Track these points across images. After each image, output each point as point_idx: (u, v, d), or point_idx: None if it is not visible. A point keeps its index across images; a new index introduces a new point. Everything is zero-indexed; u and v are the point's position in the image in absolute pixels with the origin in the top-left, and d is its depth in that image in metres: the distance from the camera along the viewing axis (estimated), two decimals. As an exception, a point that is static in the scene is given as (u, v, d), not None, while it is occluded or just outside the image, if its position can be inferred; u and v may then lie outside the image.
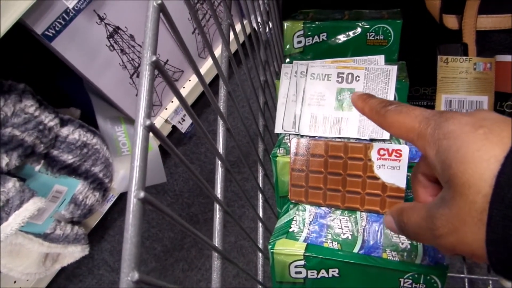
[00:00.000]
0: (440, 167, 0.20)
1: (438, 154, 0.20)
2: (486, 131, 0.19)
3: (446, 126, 0.20)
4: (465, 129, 0.20)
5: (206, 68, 1.10)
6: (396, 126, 0.23)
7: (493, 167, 0.18)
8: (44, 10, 0.67)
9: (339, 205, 0.36)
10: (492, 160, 0.18)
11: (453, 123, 0.20)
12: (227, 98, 0.33)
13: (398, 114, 0.23)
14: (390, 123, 0.24)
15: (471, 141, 0.19)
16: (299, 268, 0.33)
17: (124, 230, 0.17)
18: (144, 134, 0.19)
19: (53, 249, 0.89)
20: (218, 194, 0.30)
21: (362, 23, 0.44)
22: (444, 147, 0.20)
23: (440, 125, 0.21)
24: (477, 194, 0.18)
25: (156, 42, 0.20)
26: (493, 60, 0.46)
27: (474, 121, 0.20)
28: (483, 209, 0.18)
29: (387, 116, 0.24)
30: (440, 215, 0.20)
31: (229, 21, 0.34)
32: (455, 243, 0.20)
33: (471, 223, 0.19)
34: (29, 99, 0.78)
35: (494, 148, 0.18)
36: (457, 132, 0.20)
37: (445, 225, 0.20)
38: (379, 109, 0.25)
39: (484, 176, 0.18)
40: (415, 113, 0.23)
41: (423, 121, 0.22)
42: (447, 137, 0.20)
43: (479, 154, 0.18)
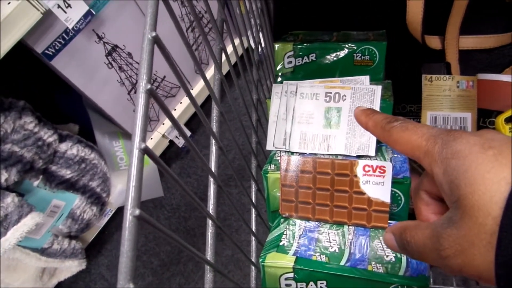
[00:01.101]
0: (448, 187, 0.20)
1: (446, 173, 0.20)
2: (495, 152, 0.19)
3: (454, 145, 0.20)
4: (474, 149, 0.19)
5: (202, 85, 1.12)
6: (402, 143, 0.23)
7: (503, 190, 0.18)
8: (44, 30, 0.70)
9: (328, 219, 0.37)
10: (502, 182, 0.18)
11: (461, 142, 0.20)
12: (219, 119, 0.35)
13: (404, 130, 0.23)
14: (396, 139, 0.24)
15: (480, 162, 0.19)
16: (289, 280, 0.34)
17: (121, 245, 0.19)
18: (139, 156, 0.20)
19: (50, 263, 0.90)
20: (210, 209, 0.31)
21: (349, 45, 0.46)
22: (453, 166, 0.20)
23: (448, 144, 0.20)
24: (487, 217, 0.18)
25: (151, 72, 0.22)
26: (475, 78, 0.48)
27: (482, 141, 0.19)
28: (493, 231, 0.18)
29: (393, 132, 0.24)
30: (448, 235, 0.20)
31: (221, 46, 0.36)
32: (462, 265, 0.19)
33: (479, 245, 0.18)
34: (29, 115, 0.80)
35: (504, 170, 0.18)
36: (465, 152, 0.19)
37: (453, 246, 0.19)
38: (384, 125, 0.25)
39: (495, 198, 0.18)
40: (422, 130, 0.22)
41: (430, 139, 0.22)
42: (456, 157, 0.20)
43: (489, 176, 0.18)
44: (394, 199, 0.36)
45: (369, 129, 0.27)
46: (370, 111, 0.27)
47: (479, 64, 0.51)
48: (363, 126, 0.27)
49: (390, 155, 0.38)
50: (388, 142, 0.25)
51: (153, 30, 0.23)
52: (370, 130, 0.27)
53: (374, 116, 0.26)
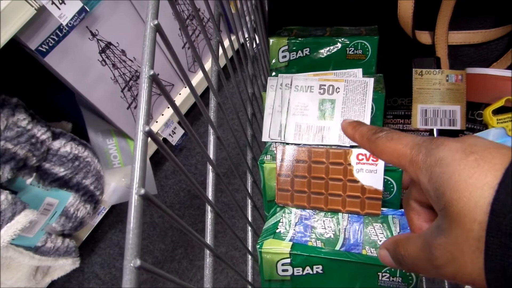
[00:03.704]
0: (434, 194, 0.20)
1: (431, 181, 0.20)
2: (477, 157, 0.19)
3: (437, 153, 0.20)
4: (455, 156, 0.19)
5: (196, 82, 1.13)
6: (388, 152, 0.23)
7: (487, 195, 0.18)
8: (38, 27, 0.70)
9: (322, 207, 0.38)
10: (485, 187, 0.18)
11: (444, 149, 0.20)
12: (217, 109, 0.36)
13: (389, 141, 0.24)
14: (381, 150, 0.24)
15: (462, 168, 0.19)
16: (285, 266, 0.35)
17: (127, 223, 0.19)
18: (143, 138, 0.21)
19: (43, 262, 0.89)
20: (209, 196, 0.32)
21: (342, 39, 0.47)
22: (437, 174, 0.20)
23: (431, 152, 0.21)
24: (473, 222, 0.18)
25: (153, 58, 0.23)
26: (464, 72, 0.50)
27: (464, 147, 0.20)
28: (480, 237, 0.18)
29: (378, 143, 0.24)
30: (438, 244, 0.20)
31: (218, 38, 0.37)
32: (454, 273, 0.19)
33: (469, 251, 0.18)
34: (22, 113, 0.80)
35: (486, 175, 0.18)
36: (448, 159, 0.20)
37: (444, 255, 0.20)
38: (369, 136, 0.25)
39: (479, 203, 0.18)
40: (406, 140, 0.23)
41: (414, 148, 0.22)
42: (439, 164, 0.20)
43: (471, 182, 0.18)
44: (386, 187, 0.37)
45: (356, 141, 0.27)
46: (356, 123, 0.28)
47: (467, 58, 0.52)
48: (350, 138, 0.28)
49: (382, 144, 0.39)
50: (375, 153, 0.25)
51: (155, 19, 0.24)
52: (357, 142, 0.27)
53: (361, 128, 0.27)
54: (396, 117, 0.53)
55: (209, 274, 0.29)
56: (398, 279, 0.33)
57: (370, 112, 0.40)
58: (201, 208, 1.15)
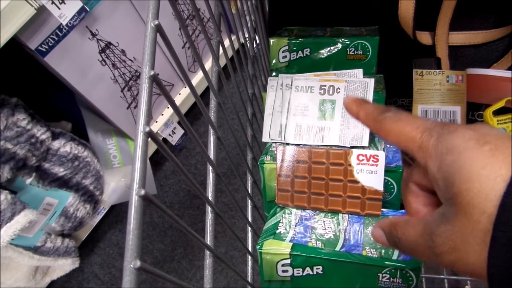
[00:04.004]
0: (443, 183, 0.20)
1: (441, 169, 0.20)
2: (492, 147, 0.18)
3: (450, 140, 0.20)
4: (469, 144, 0.19)
5: (196, 82, 1.13)
6: (395, 134, 0.22)
7: (499, 187, 0.17)
8: (38, 27, 0.70)
9: (323, 208, 0.38)
10: (498, 179, 0.17)
11: (457, 136, 0.19)
12: (217, 109, 0.36)
13: (397, 121, 0.22)
14: (388, 130, 0.23)
15: (475, 157, 0.18)
16: (285, 266, 0.35)
17: (127, 224, 0.19)
18: (143, 139, 0.21)
19: (43, 262, 0.89)
20: (209, 197, 0.32)
21: (342, 39, 0.47)
22: (447, 162, 0.19)
23: (442, 138, 0.20)
24: (482, 214, 0.18)
25: (153, 58, 0.23)
26: (464, 73, 0.50)
27: (478, 136, 0.19)
28: (487, 230, 0.17)
29: (385, 123, 0.23)
30: (441, 232, 0.19)
31: (219, 38, 0.37)
32: (455, 261, 0.19)
33: (473, 243, 0.18)
34: (22, 112, 0.80)
35: (500, 166, 0.18)
36: (460, 147, 0.19)
37: (446, 243, 0.19)
38: (376, 115, 0.24)
39: (490, 196, 0.17)
40: (416, 122, 0.22)
41: (425, 132, 0.21)
42: (451, 152, 0.19)
43: (484, 173, 0.18)
44: (387, 187, 0.37)
45: (360, 119, 0.26)
46: (361, 100, 0.26)
47: (468, 59, 0.52)
48: (354, 116, 0.26)
49: (383, 145, 0.39)
50: (380, 133, 0.24)
51: (155, 19, 0.24)
52: (361, 120, 0.26)
53: (365, 105, 0.25)
54: (397, 118, 0.53)
55: (209, 274, 0.29)
56: (398, 280, 0.33)
57: (371, 112, 0.40)
58: (201, 208, 1.14)
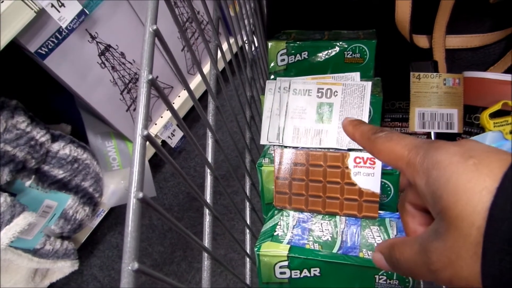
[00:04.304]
0: (431, 198, 0.20)
1: (428, 184, 0.20)
2: (475, 162, 0.19)
3: (435, 156, 0.20)
4: (454, 159, 0.19)
5: (195, 85, 1.13)
6: (386, 153, 0.23)
7: (485, 200, 0.18)
8: (37, 29, 0.70)
9: (320, 210, 0.39)
10: (484, 192, 0.18)
11: (441, 152, 0.20)
12: (216, 112, 0.36)
13: (388, 141, 0.23)
14: (380, 150, 0.24)
15: (460, 172, 0.19)
16: (283, 268, 0.35)
17: (125, 227, 0.20)
18: (142, 142, 0.21)
19: (42, 264, 0.89)
20: (207, 200, 0.32)
21: (340, 43, 0.48)
22: (434, 177, 0.20)
23: (429, 155, 0.20)
24: (471, 227, 0.18)
25: (152, 63, 0.23)
26: (461, 76, 0.50)
27: (462, 151, 0.20)
28: (477, 242, 0.18)
29: (377, 142, 0.24)
30: (435, 248, 0.20)
31: (217, 42, 0.37)
32: (451, 277, 0.19)
33: (466, 256, 0.18)
34: (21, 115, 0.80)
35: (485, 179, 0.18)
36: (446, 162, 0.19)
37: (441, 260, 0.19)
38: (369, 135, 0.25)
39: (477, 208, 0.18)
40: (405, 141, 0.22)
41: (412, 150, 0.22)
42: (437, 167, 0.20)
43: (470, 186, 0.18)
44: (384, 190, 0.38)
45: (355, 139, 0.27)
46: (357, 122, 0.27)
47: (465, 62, 0.53)
48: (350, 137, 0.27)
49: (380, 148, 0.39)
50: (373, 152, 0.25)
51: (154, 23, 0.24)
52: (356, 140, 0.27)
53: (361, 127, 0.27)
54: (394, 120, 0.53)
55: (207, 276, 0.30)
56: (395, 281, 0.33)
57: (368, 115, 0.41)
58: (200, 210, 1.15)
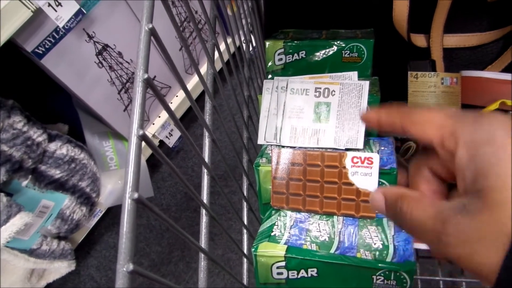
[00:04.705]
0: (473, 174, 0.18)
1: (473, 160, 0.18)
2: None
3: (489, 130, 0.18)
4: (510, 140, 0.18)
5: (193, 84, 1.13)
6: (422, 122, 0.21)
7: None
8: (34, 29, 0.70)
9: (318, 210, 0.38)
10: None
11: (498, 128, 0.18)
12: (213, 112, 0.36)
13: (427, 111, 0.22)
14: (415, 120, 0.22)
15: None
16: (280, 269, 0.35)
17: (120, 227, 0.19)
18: (137, 142, 0.21)
19: (39, 264, 0.89)
20: (204, 199, 0.32)
21: (337, 42, 0.47)
22: (483, 153, 0.18)
23: (481, 127, 0.19)
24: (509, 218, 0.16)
25: (147, 62, 0.23)
26: (459, 75, 0.50)
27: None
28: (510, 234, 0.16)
29: (414, 113, 0.22)
30: (456, 222, 0.18)
31: (214, 41, 0.37)
32: (462, 256, 0.18)
33: (490, 244, 0.17)
34: (18, 115, 0.79)
35: None
36: (502, 141, 0.18)
37: (458, 235, 0.18)
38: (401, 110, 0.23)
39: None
40: (446, 111, 0.21)
41: (459, 119, 0.20)
42: (488, 144, 0.18)
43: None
44: (382, 190, 0.38)
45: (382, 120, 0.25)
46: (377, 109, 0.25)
47: (463, 61, 0.52)
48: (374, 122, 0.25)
49: (377, 147, 0.39)
50: (405, 122, 0.23)
51: (149, 22, 0.24)
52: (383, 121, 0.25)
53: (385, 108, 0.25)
54: (392, 120, 0.53)
55: (203, 277, 0.29)
56: (392, 282, 0.33)
57: (366, 115, 0.41)
58: (198, 210, 1.14)
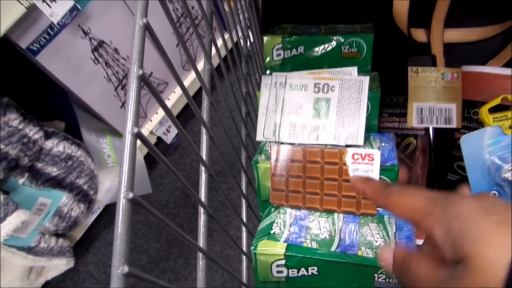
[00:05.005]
0: (450, 247, 0.21)
1: (448, 234, 0.21)
2: (500, 218, 0.20)
3: (456, 208, 0.21)
4: (476, 213, 0.20)
5: (190, 80, 1.12)
6: (401, 206, 0.24)
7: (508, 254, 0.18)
8: (28, 25, 0.68)
9: (318, 207, 0.38)
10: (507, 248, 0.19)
11: (463, 204, 0.21)
12: (210, 108, 0.35)
13: (403, 195, 0.24)
14: (395, 203, 0.25)
15: (483, 225, 0.20)
16: (280, 267, 0.34)
17: (114, 228, 0.19)
18: (132, 140, 0.20)
19: (37, 262, 0.88)
20: (202, 197, 0.31)
21: (336, 37, 0.47)
22: (454, 227, 0.21)
23: (448, 206, 0.22)
24: (494, 279, 0.18)
25: (142, 57, 0.22)
26: (459, 70, 0.50)
27: (485, 206, 0.21)
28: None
29: (392, 196, 0.25)
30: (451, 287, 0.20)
31: (211, 37, 0.36)
32: None
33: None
34: (13, 112, 0.79)
35: (508, 236, 0.19)
36: (467, 214, 0.21)
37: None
38: (382, 189, 0.26)
39: (501, 261, 0.18)
40: (421, 194, 0.23)
41: (430, 202, 0.23)
42: (458, 218, 0.21)
43: (494, 241, 0.19)
44: (382, 187, 0.37)
45: (367, 195, 0.28)
46: (365, 178, 0.29)
47: (463, 56, 0.52)
48: (361, 192, 0.28)
49: (378, 144, 0.39)
50: (387, 206, 0.26)
51: (144, 17, 0.23)
52: (368, 196, 0.28)
53: (371, 182, 0.28)
54: (392, 116, 0.53)
55: (202, 276, 0.29)
56: (394, 280, 0.32)
57: (366, 110, 0.40)
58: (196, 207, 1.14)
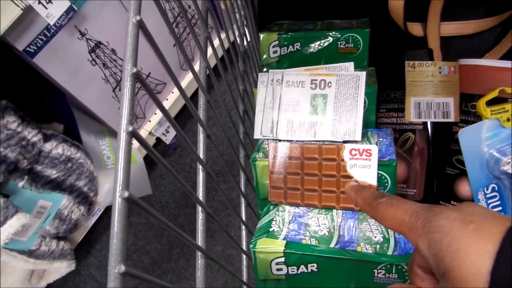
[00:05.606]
0: (434, 260, 0.21)
1: (430, 247, 0.21)
2: (476, 227, 0.20)
3: (436, 221, 0.21)
4: (454, 224, 0.21)
5: (188, 80, 1.12)
6: (388, 218, 0.25)
7: (487, 263, 0.18)
8: (25, 27, 0.68)
9: (316, 204, 0.38)
10: (486, 256, 0.19)
11: (442, 217, 0.21)
12: (207, 107, 0.35)
13: (389, 207, 0.25)
14: (382, 215, 0.25)
15: (462, 236, 0.20)
16: (280, 265, 0.34)
17: (111, 227, 0.19)
18: (126, 139, 0.20)
19: (38, 265, 0.88)
20: (200, 196, 0.31)
21: (333, 33, 0.47)
22: (435, 240, 0.21)
23: (429, 219, 0.22)
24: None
25: (136, 55, 0.22)
26: (456, 63, 0.49)
27: (462, 216, 0.21)
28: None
29: (379, 209, 0.26)
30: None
31: (206, 34, 0.36)
32: None
33: None
34: (11, 115, 0.78)
35: (486, 244, 0.19)
36: (446, 227, 0.21)
37: None
38: (371, 201, 0.27)
39: (481, 271, 0.19)
40: (405, 206, 0.24)
41: (413, 215, 0.23)
42: (438, 231, 0.21)
43: (472, 250, 0.19)
44: (380, 182, 0.37)
45: (358, 205, 0.29)
46: (358, 187, 0.30)
47: (460, 49, 0.52)
48: (353, 201, 0.29)
49: (375, 139, 0.39)
50: (376, 218, 0.26)
51: (137, 14, 0.23)
52: (359, 206, 0.29)
53: (363, 192, 0.29)
54: (389, 111, 0.52)
55: (201, 276, 0.29)
56: (394, 275, 0.32)
57: (363, 106, 0.40)
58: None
